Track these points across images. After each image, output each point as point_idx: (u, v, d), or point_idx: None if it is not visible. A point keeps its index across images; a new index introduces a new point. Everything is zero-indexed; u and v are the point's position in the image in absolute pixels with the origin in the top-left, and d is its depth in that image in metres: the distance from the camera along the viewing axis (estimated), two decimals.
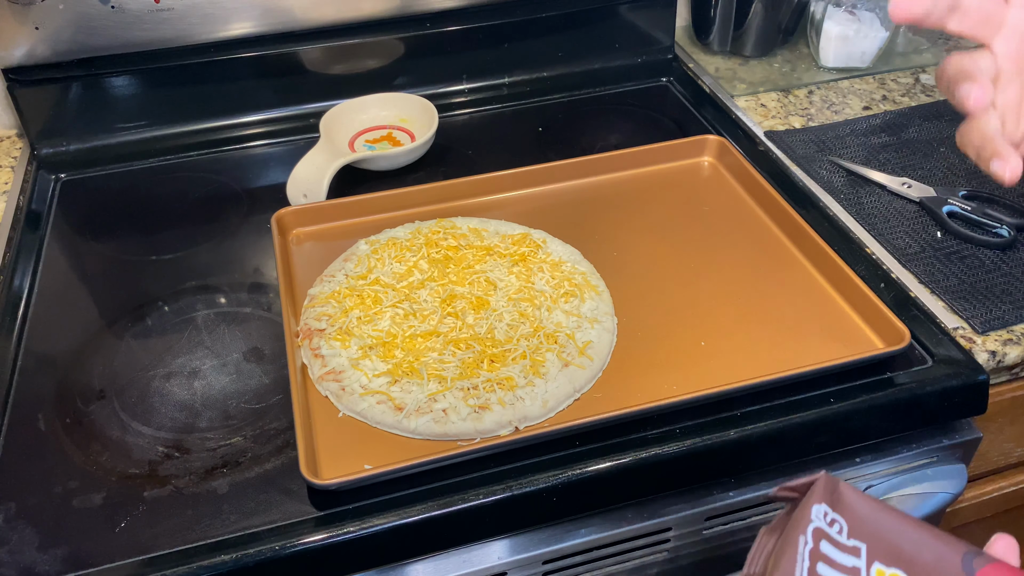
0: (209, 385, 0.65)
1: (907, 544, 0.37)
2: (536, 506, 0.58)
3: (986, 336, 0.68)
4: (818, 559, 0.36)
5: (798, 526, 0.37)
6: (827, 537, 0.37)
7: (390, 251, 0.73)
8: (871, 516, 0.38)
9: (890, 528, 0.38)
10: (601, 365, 0.65)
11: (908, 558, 0.37)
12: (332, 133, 0.89)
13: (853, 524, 0.38)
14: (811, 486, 0.38)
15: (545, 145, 0.93)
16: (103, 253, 0.80)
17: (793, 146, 0.90)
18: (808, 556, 0.36)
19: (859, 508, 0.38)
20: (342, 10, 0.93)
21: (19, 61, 0.87)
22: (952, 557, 0.37)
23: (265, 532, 0.55)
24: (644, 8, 1.03)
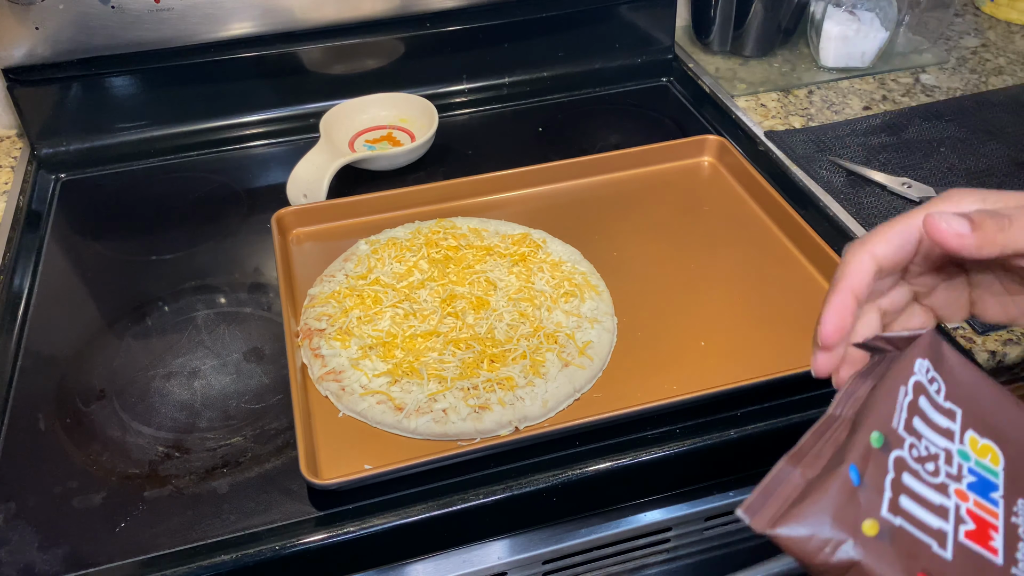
0: (209, 385, 0.65)
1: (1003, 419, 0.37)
2: (536, 506, 0.58)
3: (986, 336, 0.68)
4: (915, 413, 0.35)
5: (899, 376, 0.36)
6: (926, 393, 0.36)
7: (390, 251, 0.73)
8: (969, 382, 0.37)
9: (987, 399, 0.37)
10: (601, 365, 0.65)
11: (1003, 433, 0.36)
12: (332, 133, 0.89)
13: (952, 387, 0.37)
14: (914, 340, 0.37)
15: (545, 145, 0.93)
16: (103, 253, 0.80)
17: (793, 146, 0.90)
18: (907, 407, 0.35)
19: (960, 373, 0.37)
20: (342, 10, 0.93)
21: (19, 61, 0.87)
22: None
23: (265, 532, 0.55)
24: (644, 8, 1.03)
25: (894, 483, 0.32)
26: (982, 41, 1.11)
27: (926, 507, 0.32)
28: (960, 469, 0.34)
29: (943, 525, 0.32)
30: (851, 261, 0.39)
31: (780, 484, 0.33)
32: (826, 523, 0.31)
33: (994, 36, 1.12)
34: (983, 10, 1.18)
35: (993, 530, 0.33)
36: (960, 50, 1.09)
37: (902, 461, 0.33)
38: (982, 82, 1.02)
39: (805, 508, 0.31)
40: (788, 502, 0.32)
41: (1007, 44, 1.10)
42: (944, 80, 1.02)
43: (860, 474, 0.32)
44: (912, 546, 0.31)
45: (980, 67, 1.05)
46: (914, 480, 0.33)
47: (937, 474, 0.34)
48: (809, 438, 0.35)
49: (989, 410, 0.37)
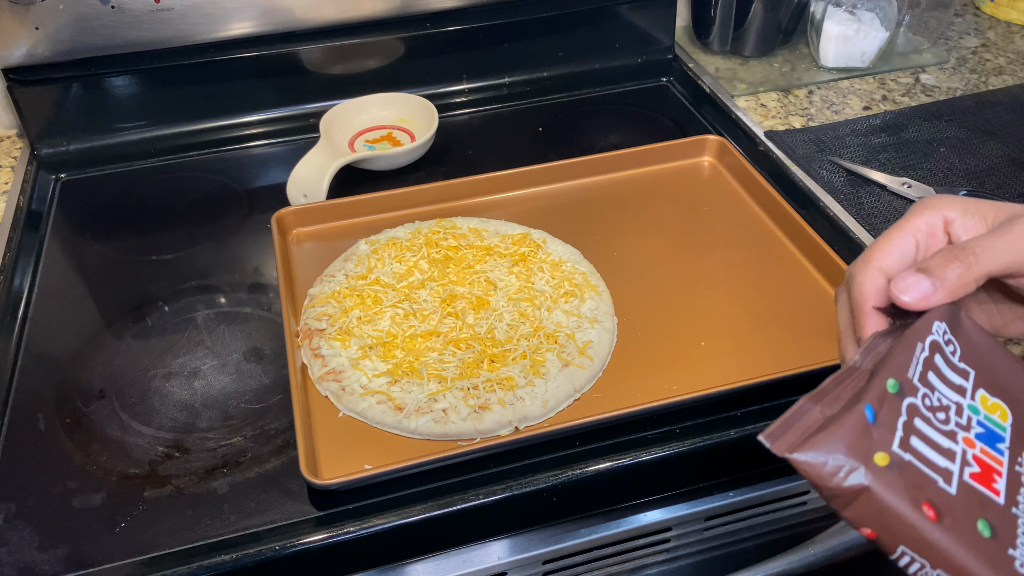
0: (209, 385, 0.65)
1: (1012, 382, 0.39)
2: (536, 506, 0.58)
3: None
4: (930, 368, 0.38)
5: (918, 334, 0.38)
6: (942, 352, 0.38)
7: (390, 251, 0.73)
8: (983, 347, 0.40)
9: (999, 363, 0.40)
10: (601, 365, 0.65)
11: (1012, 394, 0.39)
12: (332, 133, 0.89)
13: (966, 350, 0.39)
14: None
15: (545, 145, 0.93)
16: (103, 253, 0.80)
17: (793, 146, 0.90)
18: (922, 362, 0.37)
19: (974, 337, 0.40)
20: (342, 10, 0.93)
21: (19, 61, 0.87)
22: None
23: (265, 532, 0.55)
24: (644, 8, 1.03)
25: (906, 425, 0.35)
26: (982, 41, 1.11)
27: (935, 448, 0.35)
28: (969, 421, 0.37)
29: (949, 465, 0.35)
30: (865, 281, 0.40)
31: (801, 417, 0.35)
32: (841, 451, 0.33)
33: (994, 36, 1.12)
34: (983, 10, 1.18)
35: (997, 475, 0.36)
36: (960, 50, 1.09)
37: (915, 407, 0.36)
38: (982, 82, 1.02)
39: (822, 437, 0.34)
40: (808, 432, 0.34)
41: (1007, 44, 1.10)
42: (944, 80, 1.02)
43: (875, 413, 0.35)
44: (919, 479, 0.34)
45: (980, 67, 1.05)
46: (925, 425, 0.36)
47: (947, 423, 0.36)
48: (830, 382, 0.38)
49: (1001, 374, 0.39)
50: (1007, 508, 0.35)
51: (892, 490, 0.33)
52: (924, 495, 0.33)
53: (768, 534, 0.68)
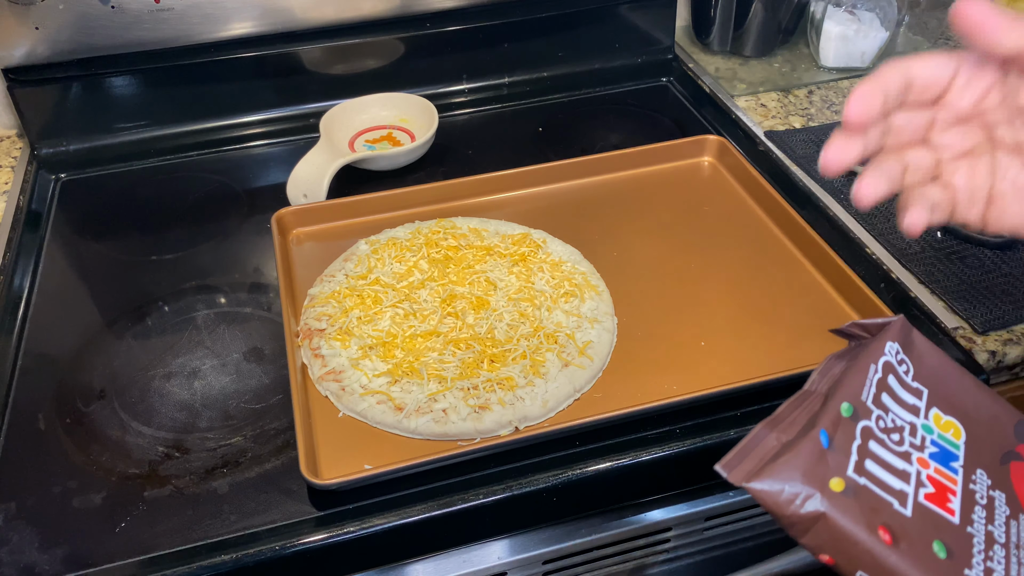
0: (209, 385, 0.65)
1: (967, 399, 0.40)
2: (536, 506, 0.58)
3: (986, 336, 0.68)
4: (883, 389, 0.38)
5: (871, 356, 0.39)
6: (895, 373, 0.39)
7: (390, 251, 0.73)
8: (937, 366, 0.40)
9: (953, 381, 0.40)
10: (601, 365, 0.65)
11: (964, 411, 0.39)
12: (332, 133, 0.89)
13: (920, 369, 0.40)
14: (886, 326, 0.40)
15: (545, 145, 0.93)
16: (103, 253, 0.80)
17: (793, 146, 0.90)
18: (875, 384, 0.38)
19: (928, 357, 0.40)
20: (342, 10, 0.93)
21: (19, 61, 0.87)
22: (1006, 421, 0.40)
23: (265, 532, 0.55)
24: (644, 8, 1.03)
25: (860, 448, 0.35)
26: None
27: (889, 470, 0.35)
28: (923, 440, 0.37)
29: (904, 487, 0.35)
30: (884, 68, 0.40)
31: (757, 445, 0.36)
32: (796, 479, 0.34)
33: None
34: None
35: (951, 494, 0.36)
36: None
37: (869, 430, 0.36)
38: None
39: (778, 465, 0.34)
40: (764, 460, 0.35)
41: None
42: None
43: (830, 438, 0.35)
44: (875, 503, 0.34)
45: None
46: (879, 447, 0.36)
47: (901, 443, 0.37)
48: (785, 408, 0.38)
49: (954, 391, 0.40)
50: (962, 528, 0.35)
51: (848, 516, 0.33)
52: (880, 519, 0.34)
53: (768, 534, 0.68)
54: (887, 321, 0.40)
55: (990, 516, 0.36)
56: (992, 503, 0.37)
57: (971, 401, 0.40)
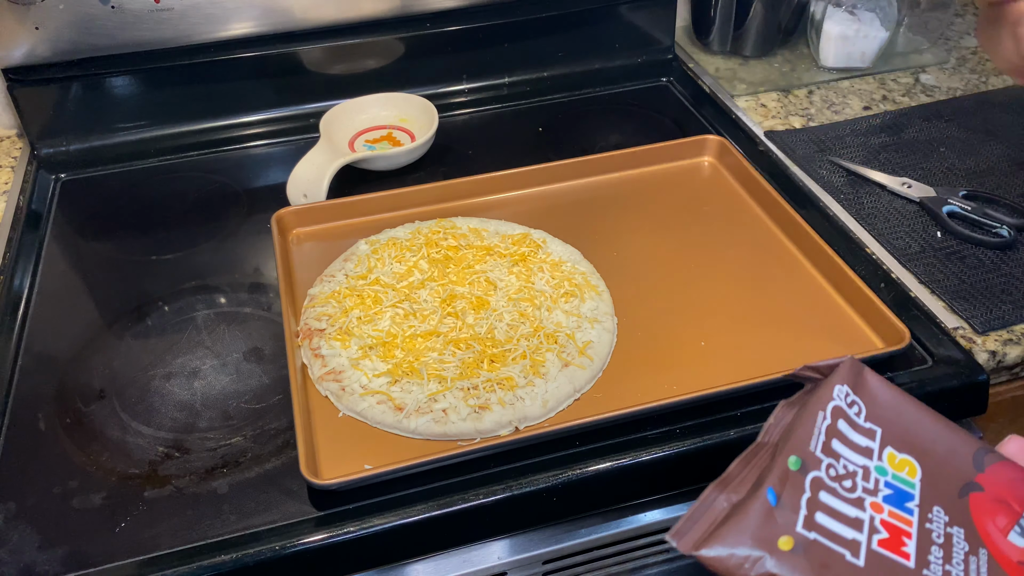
0: (209, 385, 0.65)
1: (922, 433, 0.39)
2: (536, 506, 0.58)
3: (986, 336, 0.68)
4: (834, 435, 0.37)
5: (819, 402, 0.38)
6: (845, 417, 0.38)
7: (390, 251, 0.73)
8: (890, 403, 0.40)
9: (908, 417, 0.39)
10: (601, 365, 0.65)
11: (921, 447, 0.39)
12: (332, 133, 0.89)
13: (872, 409, 0.39)
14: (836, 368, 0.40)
15: (545, 145, 0.93)
16: (103, 253, 0.80)
17: (793, 146, 0.90)
18: (824, 431, 0.37)
19: (880, 395, 0.40)
20: (342, 10, 0.93)
21: (19, 61, 0.87)
22: (964, 451, 0.39)
23: (265, 532, 0.55)
24: (644, 8, 1.03)
25: (810, 501, 0.35)
26: None
27: (841, 520, 0.35)
28: (877, 483, 0.37)
29: (857, 536, 0.35)
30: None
31: (707, 509, 0.36)
32: (745, 542, 0.33)
33: None
34: None
35: (906, 536, 0.35)
36: (960, 50, 1.09)
37: (819, 481, 0.36)
38: (982, 82, 1.02)
39: (726, 530, 0.34)
40: (713, 525, 0.35)
41: None
42: (944, 80, 1.02)
43: (777, 495, 0.35)
44: (826, 557, 0.34)
45: (980, 67, 1.05)
46: (831, 497, 0.35)
47: (854, 489, 0.36)
48: (736, 465, 0.38)
49: (908, 427, 0.39)
50: (918, 571, 0.34)
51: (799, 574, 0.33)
52: (831, 573, 0.33)
53: None
54: (837, 362, 0.40)
55: (947, 555, 0.35)
56: (950, 541, 0.36)
57: (927, 435, 0.39)
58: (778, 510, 0.34)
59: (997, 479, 0.38)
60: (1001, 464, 0.38)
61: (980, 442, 0.39)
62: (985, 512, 0.37)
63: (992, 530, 0.37)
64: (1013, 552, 0.36)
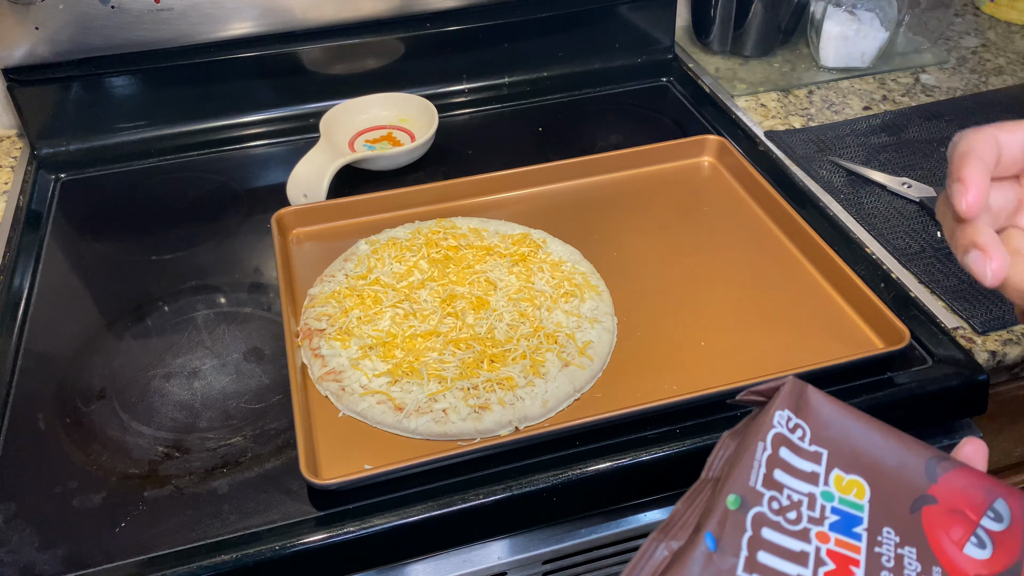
0: (209, 385, 0.65)
1: (871, 450, 0.37)
2: (536, 506, 0.58)
3: (986, 336, 0.68)
4: (776, 465, 0.36)
5: (758, 432, 0.37)
6: (788, 443, 0.37)
7: (390, 251, 0.73)
8: (835, 421, 0.38)
9: (854, 434, 0.38)
10: (601, 365, 0.65)
11: (870, 464, 0.37)
12: (332, 133, 0.89)
13: (816, 430, 0.38)
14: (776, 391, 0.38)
15: (545, 145, 0.93)
16: (103, 253, 0.80)
17: (793, 146, 0.90)
18: (765, 462, 0.36)
19: (824, 414, 0.38)
20: (342, 10, 0.93)
21: (19, 61, 0.87)
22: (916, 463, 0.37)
23: (265, 532, 0.55)
24: (644, 8, 1.03)
25: (751, 540, 0.34)
26: (982, 41, 1.11)
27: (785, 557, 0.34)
28: (823, 511, 0.35)
29: (802, 571, 0.33)
30: (976, 138, 0.39)
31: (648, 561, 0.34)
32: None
33: (994, 36, 1.12)
34: (983, 10, 1.18)
35: (854, 565, 0.34)
36: (960, 50, 1.09)
37: (761, 517, 0.34)
38: (982, 82, 1.02)
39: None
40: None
41: (1007, 44, 1.10)
42: (944, 80, 1.02)
43: (716, 539, 0.33)
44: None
45: (980, 67, 1.05)
46: (774, 532, 0.34)
47: (799, 521, 0.35)
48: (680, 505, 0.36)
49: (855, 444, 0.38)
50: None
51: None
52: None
53: None
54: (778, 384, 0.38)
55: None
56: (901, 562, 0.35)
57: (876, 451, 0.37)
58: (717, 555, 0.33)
59: (951, 488, 0.36)
60: (956, 472, 0.37)
61: (932, 451, 0.38)
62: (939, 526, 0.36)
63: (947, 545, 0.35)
64: (969, 565, 0.35)
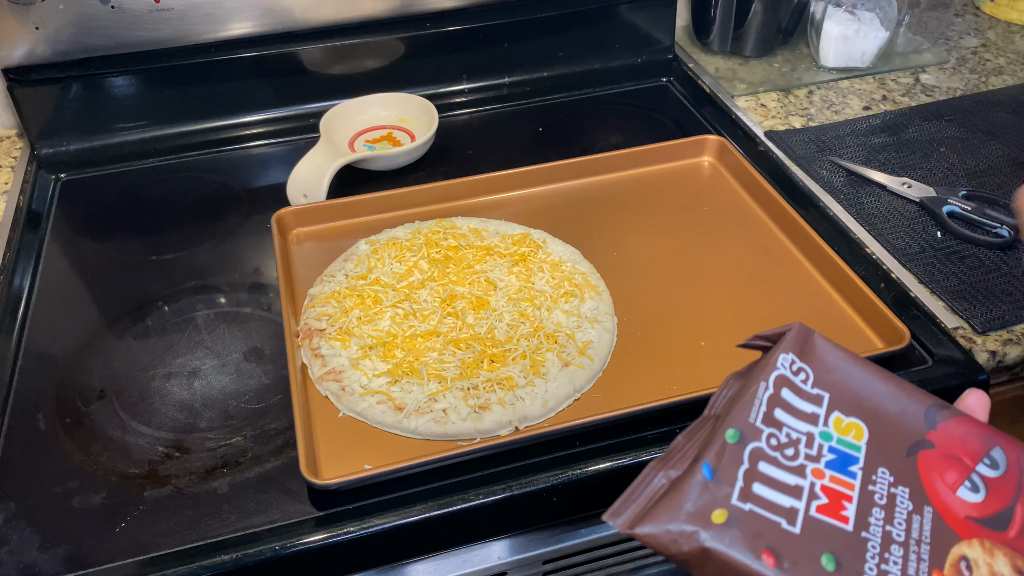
0: (209, 385, 0.65)
1: (872, 395, 0.39)
2: (536, 506, 0.58)
3: (986, 336, 0.68)
4: (776, 405, 0.37)
5: (762, 372, 0.38)
6: (790, 385, 0.38)
7: (390, 251, 0.73)
8: (839, 367, 0.40)
9: (857, 379, 0.39)
10: (601, 365, 0.65)
11: (870, 409, 0.39)
12: (332, 133, 0.89)
13: (820, 374, 0.39)
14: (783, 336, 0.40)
15: (545, 145, 0.93)
16: (103, 253, 0.80)
17: (793, 146, 0.90)
18: (766, 401, 0.37)
19: (828, 359, 0.40)
20: (342, 10, 0.93)
21: (19, 61, 0.87)
22: (916, 410, 0.39)
23: (265, 532, 0.55)
24: (644, 8, 1.03)
25: (747, 473, 0.35)
26: (982, 41, 1.11)
27: (779, 489, 0.35)
28: (820, 449, 0.37)
29: (795, 503, 0.35)
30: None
31: (645, 488, 0.36)
32: (679, 518, 0.34)
33: (994, 36, 1.12)
34: (983, 10, 1.18)
35: (846, 500, 0.36)
36: (960, 50, 1.09)
37: (759, 451, 0.36)
38: (982, 82, 1.02)
39: (660, 507, 0.34)
40: (650, 503, 0.35)
41: (1007, 44, 1.10)
42: (944, 80, 1.02)
43: (713, 470, 0.35)
44: (760, 526, 0.34)
45: (980, 67, 1.05)
46: (769, 467, 0.36)
47: (795, 457, 0.36)
48: (680, 439, 0.38)
49: (856, 390, 0.39)
50: (856, 534, 0.35)
51: (731, 546, 0.33)
52: (764, 543, 0.33)
53: None
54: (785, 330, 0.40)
55: (889, 516, 0.36)
56: (893, 501, 0.36)
57: (877, 397, 0.39)
58: (713, 484, 0.35)
59: (949, 435, 0.38)
60: (955, 420, 0.38)
61: (933, 399, 0.39)
62: (934, 469, 0.37)
63: (940, 487, 0.37)
64: (961, 507, 0.36)
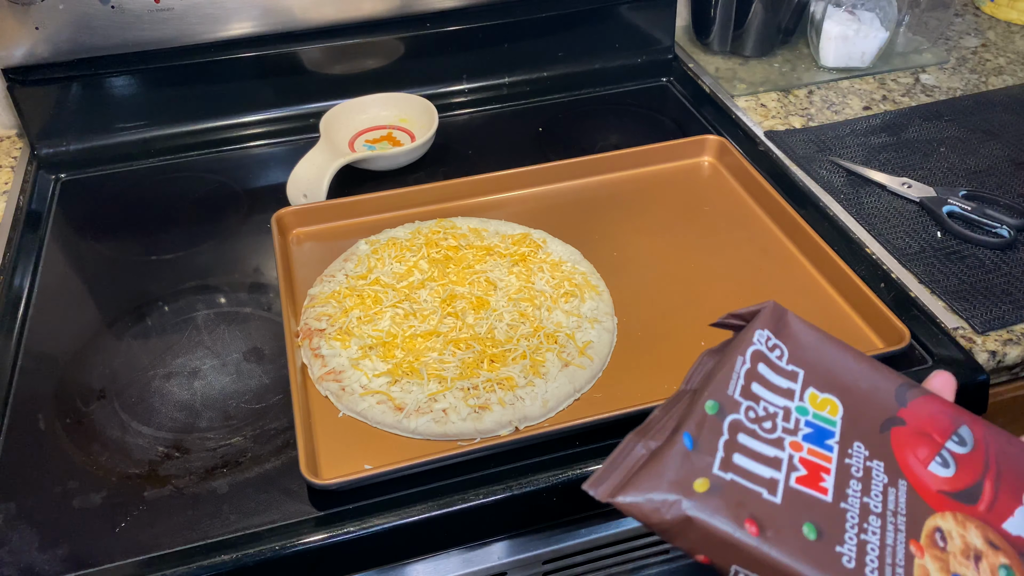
0: (209, 385, 0.65)
1: (845, 373, 0.40)
2: (536, 506, 0.58)
3: (986, 336, 0.68)
4: (753, 379, 0.38)
5: (738, 348, 0.39)
6: (766, 360, 0.39)
7: (390, 251, 0.73)
8: (813, 345, 0.40)
9: (831, 358, 0.40)
10: (601, 365, 0.65)
11: (843, 385, 0.39)
12: (332, 133, 0.89)
13: (794, 351, 0.40)
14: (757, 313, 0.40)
15: (545, 145, 0.93)
16: (103, 253, 0.80)
17: (793, 146, 0.90)
18: (744, 375, 0.38)
19: (802, 337, 0.41)
20: (342, 10, 0.93)
21: (19, 61, 0.87)
22: (887, 387, 0.40)
23: (265, 532, 0.55)
24: (644, 8, 1.03)
25: (728, 443, 0.36)
26: (982, 41, 1.11)
27: (759, 460, 0.36)
28: (797, 423, 0.38)
29: (775, 474, 0.35)
30: None
31: (625, 457, 0.36)
32: (661, 487, 0.34)
33: (994, 36, 1.12)
34: (983, 10, 1.18)
35: (824, 472, 0.36)
36: (960, 50, 1.09)
37: (737, 423, 0.36)
38: (982, 82, 1.02)
39: (642, 476, 0.34)
40: (630, 472, 0.35)
41: (1007, 44, 1.10)
42: (944, 80, 1.02)
43: (694, 439, 0.35)
44: (741, 496, 0.34)
45: (980, 67, 1.05)
46: (749, 438, 0.36)
47: (773, 430, 0.37)
48: (658, 412, 0.38)
49: (830, 367, 0.40)
50: (835, 504, 0.35)
51: (713, 515, 0.33)
52: (746, 511, 0.34)
53: None
54: (760, 308, 0.41)
55: (866, 488, 0.36)
56: (869, 474, 0.37)
57: (850, 375, 0.40)
58: (695, 453, 0.35)
59: (919, 413, 0.39)
60: (924, 398, 0.39)
61: (903, 378, 0.40)
62: (906, 445, 0.38)
63: (913, 462, 0.38)
64: (933, 481, 0.37)
